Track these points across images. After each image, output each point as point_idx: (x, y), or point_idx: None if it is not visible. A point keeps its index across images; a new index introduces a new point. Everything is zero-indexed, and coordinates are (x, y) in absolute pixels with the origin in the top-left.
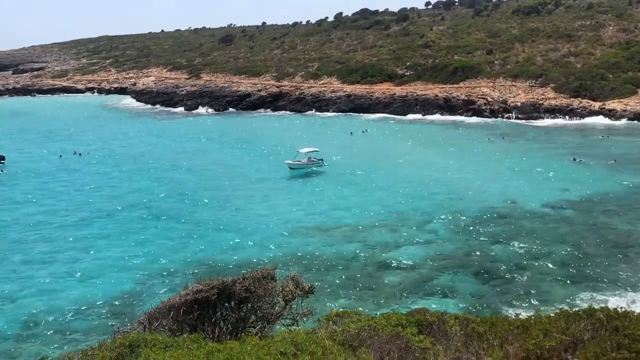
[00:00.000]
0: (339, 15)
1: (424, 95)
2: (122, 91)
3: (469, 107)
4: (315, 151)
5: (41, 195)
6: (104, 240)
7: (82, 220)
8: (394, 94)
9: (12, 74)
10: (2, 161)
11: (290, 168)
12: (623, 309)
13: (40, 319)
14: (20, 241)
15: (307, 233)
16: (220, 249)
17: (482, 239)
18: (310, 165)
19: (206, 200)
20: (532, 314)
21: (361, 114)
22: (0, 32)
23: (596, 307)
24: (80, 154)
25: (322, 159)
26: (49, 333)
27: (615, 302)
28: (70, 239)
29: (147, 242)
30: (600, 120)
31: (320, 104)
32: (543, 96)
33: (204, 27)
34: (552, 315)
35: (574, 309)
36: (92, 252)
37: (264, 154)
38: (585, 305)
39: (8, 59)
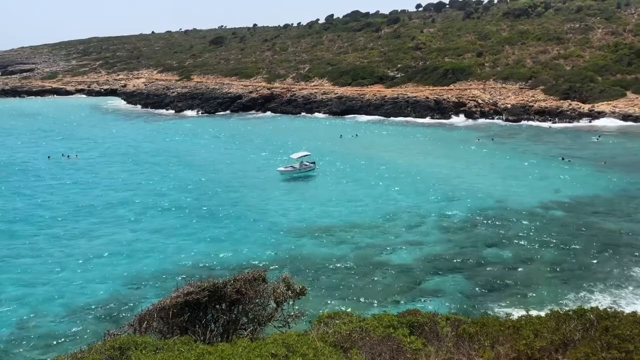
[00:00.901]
0: (330, 17)
1: (415, 97)
2: (112, 93)
3: (459, 109)
4: (307, 155)
5: (28, 196)
6: (94, 241)
7: (70, 221)
8: (385, 96)
9: (1, 75)
10: None
11: (282, 175)
12: (613, 309)
13: (30, 322)
14: (8, 241)
15: (298, 234)
16: (211, 251)
17: (472, 239)
18: (303, 170)
19: (196, 203)
20: (522, 314)
21: (352, 115)
22: None
23: (586, 307)
24: (68, 156)
25: (314, 162)
26: (38, 336)
27: (605, 301)
28: (59, 240)
29: (138, 243)
30: (589, 122)
31: (312, 105)
32: (533, 98)
33: (194, 29)
34: (542, 315)
35: (564, 309)
36: (81, 254)
37: (255, 157)
38: (575, 306)
39: None
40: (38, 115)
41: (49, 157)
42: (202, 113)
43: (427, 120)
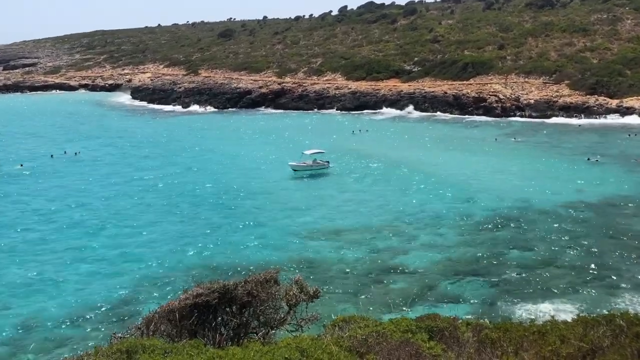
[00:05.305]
0: (343, 9)
1: (433, 92)
2: (116, 88)
3: (479, 104)
4: (321, 152)
5: (34, 194)
6: (101, 242)
7: (77, 221)
8: (401, 90)
9: (3, 70)
10: None
11: (294, 170)
12: None
13: (35, 325)
14: (13, 241)
15: (311, 236)
16: (222, 252)
17: (493, 241)
18: (315, 168)
19: (207, 203)
20: (548, 319)
21: (366, 111)
22: None
23: (615, 312)
24: (75, 153)
25: (327, 161)
26: (44, 339)
27: (636, 307)
28: (66, 241)
29: (147, 244)
30: (617, 118)
31: (324, 101)
32: (557, 93)
33: (202, 22)
34: (569, 320)
35: (592, 314)
36: (88, 255)
37: (266, 155)
38: (604, 311)
39: None
40: (43, 113)
41: (51, 155)
42: (210, 109)
43: (446, 116)
